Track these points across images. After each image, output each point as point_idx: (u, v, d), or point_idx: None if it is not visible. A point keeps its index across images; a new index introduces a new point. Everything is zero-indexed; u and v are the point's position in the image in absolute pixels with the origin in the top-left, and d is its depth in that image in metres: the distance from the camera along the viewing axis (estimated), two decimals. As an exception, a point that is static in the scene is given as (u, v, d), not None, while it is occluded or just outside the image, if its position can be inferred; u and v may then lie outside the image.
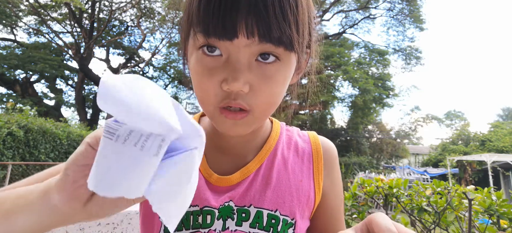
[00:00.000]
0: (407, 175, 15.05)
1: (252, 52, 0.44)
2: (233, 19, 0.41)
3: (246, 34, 0.42)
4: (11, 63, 14.58)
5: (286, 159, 0.59)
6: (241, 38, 0.42)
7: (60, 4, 13.95)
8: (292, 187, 0.56)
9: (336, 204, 0.61)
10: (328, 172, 0.61)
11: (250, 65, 0.44)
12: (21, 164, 6.94)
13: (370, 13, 17.97)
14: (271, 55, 0.44)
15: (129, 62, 18.61)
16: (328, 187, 0.60)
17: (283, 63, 0.46)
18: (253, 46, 0.43)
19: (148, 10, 16.72)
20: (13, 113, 8.22)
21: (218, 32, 0.42)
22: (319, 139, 0.63)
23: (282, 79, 0.47)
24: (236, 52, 0.44)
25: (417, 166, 23.15)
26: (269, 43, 0.43)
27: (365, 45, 18.64)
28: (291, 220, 0.54)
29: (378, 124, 23.22)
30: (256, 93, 0.45)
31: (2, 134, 6.50)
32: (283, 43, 0.43)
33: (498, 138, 18.74)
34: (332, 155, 0.63)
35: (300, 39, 0.45)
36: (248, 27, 0.41)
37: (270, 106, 0.49)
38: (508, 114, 41.42)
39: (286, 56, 0.46)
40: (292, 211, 0.54)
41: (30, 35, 16.74)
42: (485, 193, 1.84)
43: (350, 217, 3.48)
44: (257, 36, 0.42)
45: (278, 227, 0.52)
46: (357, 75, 16.37)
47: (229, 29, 0.42)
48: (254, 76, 0.44)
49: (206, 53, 0.45)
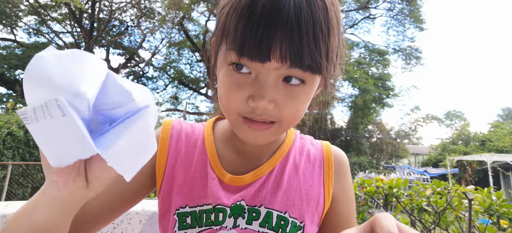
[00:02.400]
0: (407, 175, 15.06)
1: (280, 75, 0.46)
2: (269, 45, 0.42)
3: (279, 60, 0.43)
4: (11, 63, 14.58)
5: (297, 164, 0.61)
6: (273, 62, 0.43)
7: (60, 4, 13.95)
8: (302, 191, 0.58)
9: (348, 210, 0.62)
10: (339, 179, 0.62)
11: (276, 85, 0.46)
12: (21, 164, 6.94)
13: (370, 13, 17.96)
14: (295, 78, 0.46)
15: (129, 62, 18.61)
16: (339, 194, 0.61)
17: (308, 85, 0.48)
18: (282, 69, 0.45)
19: (148, 10, 16.72)
20: (13, 113, 8.22)
21: (252, 54, 0.43)
22: (331, 148, 0.65)
23: (305, 99, 0.49)
24: (266, 73, 0.45)
25: (417, 166, 23.16)
26: (298, 69, 0.44)
27: (365, 45, 18.65)
28: (300, 223, 0.55)
29: (378, 124, 23.23)
30: (280, 109, 0.47)
31: (2, 134, 6.50)
32: (311, 69, 0.45)
33: (498, 138, 18.74)
34: (343, 163, 0.64)
35: (329, 67, 0.47)
36: (282, 54, 0.43)
37: (294, 120, 0.51)
38: (508, 114, 41.42)
39: (311, 79, 0.47)
40: (301, 214, 0.56)
41: (30, 35, 16.74)
42: (485, 193, 1.84)
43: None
44: (288, 62, 0.43)
45: (286, 228, 0.54)
46: (357, 75, 16.38)
47: (263, 53, 0.43)
48: (279, 95, 0.47)
49: (235, 70, 0.47)
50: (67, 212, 0.38)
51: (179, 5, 13.84)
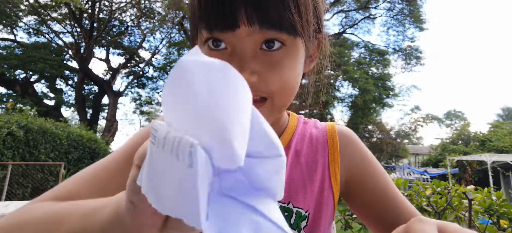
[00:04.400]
0: (407, 175, 15.05)
1: (256, 41, 0.44)
2: (233, 9, 0.41)
3: (247, 23, 0.42)
4: (11, 63, 14.57)
5: (298, 152, 0.58)
6: (243, 27, 0.42)
7: (60, 4, 13.95)
8: (306, 179, 0.55)
9: (377, 182, 0.56)
10: (350, 157, 0.58)
11: (255, 55, 0.44)
12: (21, 164, 6.93)
13: (370, 13, 17.95)
14: (276, 41, 0.44)
15: (129, 62, 18.60)
16: (357, 171, 0.57)
17: (289, 49, 0.45)
18: (255, 34, 0.43)
19: (148, 10, 16.71)
20: (13, 113, 8.21)
21: (219, 24, 0.43)
22: (336, 127, 0.61)
23: (289, 65, 0.46)
24: (240, 43, 0.44)
25: (417, 166, 23.16)
26: (271, 30, 0.43)
27: (365, 45, 18.64)
28: (305, 213, 0.53)
29: (378, 123, 23.20)
30: (266, 81, 0.45)
31: (2, 134, 6.49)
32: (285, 28, 0.43)
33: (498, 138, 18.73)
34: (351, 139, 0.60)
35: (303, 22, 0.44)
36: (248, 16, 0.41)
37: (285, 94, 0.47)
38: (508, 115, 41.39)
39: (292, 42, 0.45)
40: (306, 203, 0.54)
41: (30, 35, 16.73)
42: (485, 193, 1.84)
43: (350, 217, 3.48)
44: (257, 24, 0.42)
45: (291, 219, 0.52)
46: (357, 75, 16.37)
47: (230, 19, 0.42)
48: (260, 65, 0.44)
49: (211, 48, 0.46)
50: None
51: (179, 5, 13.83)
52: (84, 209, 0.36)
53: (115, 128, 15.68)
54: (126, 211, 0.29)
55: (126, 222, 0.30)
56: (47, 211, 0.40)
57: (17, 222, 0.39)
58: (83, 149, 8.88)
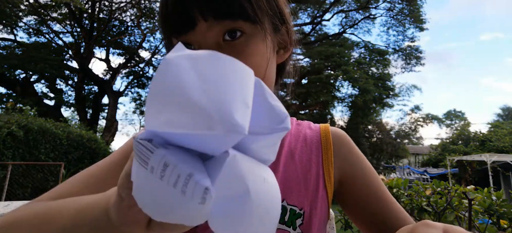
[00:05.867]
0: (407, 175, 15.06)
1: (216, 34, 0.46)
2: (187, 9, 0.45)
3: (203, 18, 0.45)
4: (11, 63, 14.57)
5: (293, 150, 0.59)
6: (201, 23, 0.45)
7: (60, 4, 13.94)
8: (300, 177, 0.56)
9: (369, 183, 0.58)
10: (344, 157, 0.59)
11: (219, 47, 0.46)
12: (21, 164, 6.93)
13: (370, 13, 17.95)
14: (237, 31, 0.46)
15: (129, 62, 18.59)
16: (351, 171, 0.58)
17: (249, 36, 0.47)
18: (214, 27, 0.46)
19: (148, 10, 16.70)
20: (13, 113, 8.21)
21: (180, 26, 0.46)
22: (329, 129, 0.63)
23: (251, 51, 0.48)
24: (203, 38, 0.46)
25: (417, 166, 23.16)
26: (226, 20, 0.45)
27: (365, 45, 18.63)
28: (300, 210, 0.53)
29: (378, 123, 23.20)
30: None
31: (2, 134, 6.49)
32: (238, 15, 0.45)
33: (498, 138, 18.72)
34: (344, 141, 0.61)
35: (254, 7, 0.47)
36: (201, 11, 0.45)
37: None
38: (508, 115, 41.39)
39: (250, 29, 0.47)
40: (301, 201, 0.54)
41: (30, 35, 16.71)
42: (485, 193, 1.84)
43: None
44: (212, 17, 0.45)
45: (285, 217, 0.52)
46: (357, 75, 16.37)
47: (187, 19, 0.45)
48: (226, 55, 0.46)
49: None
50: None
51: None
52: (77, 205, 0.37)
53: (115, 128, 15.68)
54: (114, 205, 0.30)
55: (113, 218, 0.30)
56: (40, 209, 0.40)
57: (11, 221, 0.40)
58: (83, 149, 8.88)
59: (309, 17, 18.13)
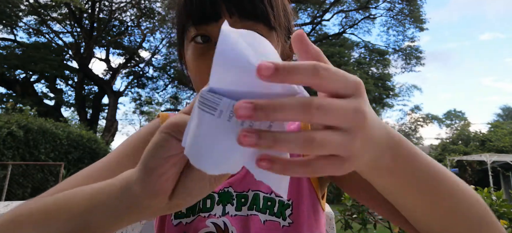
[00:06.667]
0: (407, 175, 15.01)
1: None
2: (216, 3, 0.48)
3: (228, 13, 0.48)
4: (11, 63, 14.58)
5: None
6: (225, 18, 0.47)
7: (60, 4, 13.95)
8: None
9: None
10: None
11: None
12: (21, 164, 6.94)
13: (370, 13, 17.97)
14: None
15: (129, 62, 18.60)
16: None
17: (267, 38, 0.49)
18: (236, 24, 0.47)
19: (148, 10, 16.72)
20: (13, 113, 8.22)
21: (203, 17, 0.49)
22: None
23: None
24: None
25: (417, 166, 23.07)
26: (249, 21, 0.49)
27: (365, 45, 18.65)
28: (288, 201, 0.55)
29: (378, 124, 23.16)
30: None
31: (2, 134, 6.50)
32: (261, 19, 0.49)
33: (498, 138, 18.73)
34: None
35: (275, 15, 0.51)
36: (230, 7, 0.48)
37: None
38: (508, 115, 41.41)
39: (267, 35, 0.51)
40: (289, 191, 0.54)
41: (30, 35, 16.73)
42: (485, 193, 1.84)
43: (350, 217, 3.48)
44: (237, 14, 0.48)
45: (274, 208, 0.55)
46: (357, 75, 16.38)
47: (212, 12, 0.48)
48: None
49: (199, 43, 0.51)
50: (128, 221, 0.35)
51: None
52: (90, 190, 0.37)
53: (115, 128, 15.69)
54: (139, 178, 0.31)
55: (137, 192, 0.31)
56: (47, 200, 0.39)
57: (11, 219, 0.39)
58: (83, 149, 8.88)
59: (309, 17, 18.16)
